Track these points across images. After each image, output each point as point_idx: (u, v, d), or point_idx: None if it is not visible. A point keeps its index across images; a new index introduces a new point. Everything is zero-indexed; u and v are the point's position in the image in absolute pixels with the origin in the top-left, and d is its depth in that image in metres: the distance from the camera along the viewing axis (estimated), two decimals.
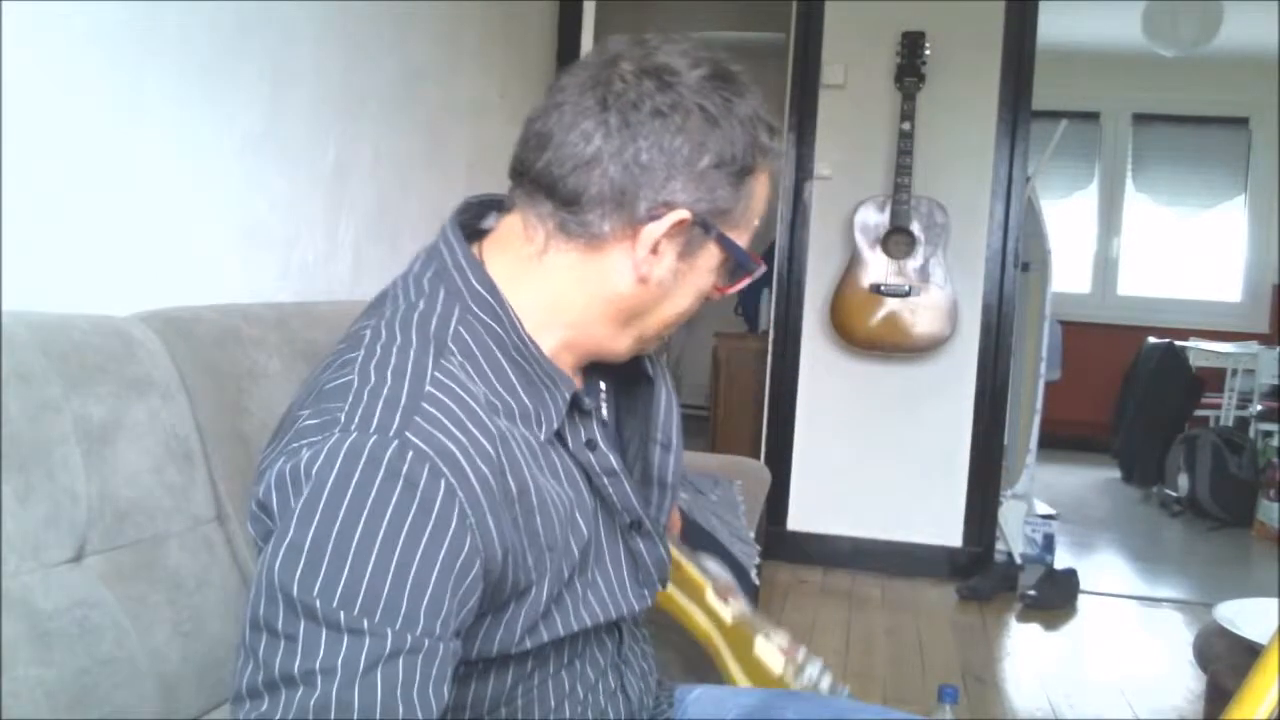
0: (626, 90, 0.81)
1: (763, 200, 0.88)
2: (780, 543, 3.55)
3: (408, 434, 0.73)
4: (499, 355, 0.83)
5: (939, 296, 3.37)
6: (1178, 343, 5.35)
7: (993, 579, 3.40)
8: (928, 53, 3.35)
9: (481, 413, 0.78)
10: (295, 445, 0.74)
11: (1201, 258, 6.35)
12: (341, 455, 0.72)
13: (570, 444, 0.86)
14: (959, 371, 3.51)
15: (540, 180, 0.84)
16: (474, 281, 0.85)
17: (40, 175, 1.15)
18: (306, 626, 0.69)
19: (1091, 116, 6.23)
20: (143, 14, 1.28)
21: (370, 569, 0.70)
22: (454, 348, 0.82)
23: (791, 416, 3.63)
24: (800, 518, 3.63)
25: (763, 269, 0.90)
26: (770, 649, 1.29)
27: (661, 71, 0.82)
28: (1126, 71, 5.93)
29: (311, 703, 0.67)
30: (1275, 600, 1.48)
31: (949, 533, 3.55)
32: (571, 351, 0.89)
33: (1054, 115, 3.87)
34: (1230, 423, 5.14)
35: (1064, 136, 3.66)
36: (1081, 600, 3.38)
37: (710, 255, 0.87)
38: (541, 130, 0.84)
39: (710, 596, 1.33)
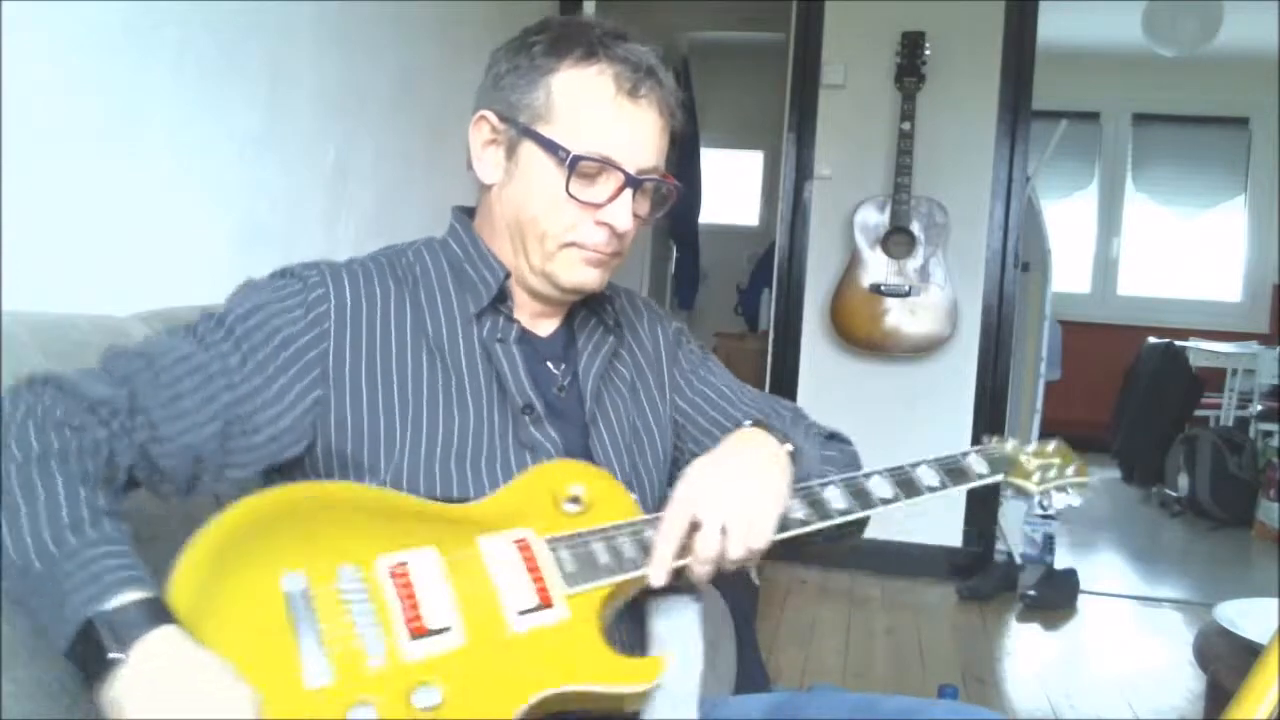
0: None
1: (578, 95, 0.93)
2: (780, 542, 3.54)
3: (320, 261, 0.97)
4: (446, 267, 1.00)
5: (939, 296, 3.37)
6: (1178, 343, 5.35)
7: (993, 579, 3.40)
8: (928, 53, 3.35)
9: (389, 279, 0.97)
10: None
11: (1201, 258, 6.34)
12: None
13: (484, 332, 0.98)
14: (959, 371, 3.51)
15: None
16: (451, 219, 1.04)
17: (40, 175, 1.15)
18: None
19: (1091, 116, 6.22)
20: (142, 14, 1.28)
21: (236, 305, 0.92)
22: (410, 255, 1.01)
23: None
24: None
25: (578, 155, 0.93)
26: None
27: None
28: (1126, 71, 5.93)
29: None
30: (1275, 600, 1.48)
31: (949, 533, 3.55)
32: (520, 285, 1.01)
33: (1054, 115, 3.86)
34: (1230, 423, 5.14)
35: (1064, 136, 3.66)
36: (1081, 600, 3.37)
37: (531, 151, 0.95)
38: None
39: None
